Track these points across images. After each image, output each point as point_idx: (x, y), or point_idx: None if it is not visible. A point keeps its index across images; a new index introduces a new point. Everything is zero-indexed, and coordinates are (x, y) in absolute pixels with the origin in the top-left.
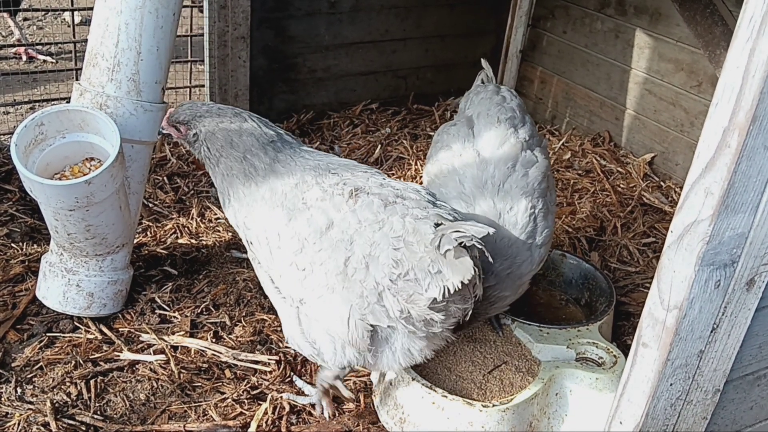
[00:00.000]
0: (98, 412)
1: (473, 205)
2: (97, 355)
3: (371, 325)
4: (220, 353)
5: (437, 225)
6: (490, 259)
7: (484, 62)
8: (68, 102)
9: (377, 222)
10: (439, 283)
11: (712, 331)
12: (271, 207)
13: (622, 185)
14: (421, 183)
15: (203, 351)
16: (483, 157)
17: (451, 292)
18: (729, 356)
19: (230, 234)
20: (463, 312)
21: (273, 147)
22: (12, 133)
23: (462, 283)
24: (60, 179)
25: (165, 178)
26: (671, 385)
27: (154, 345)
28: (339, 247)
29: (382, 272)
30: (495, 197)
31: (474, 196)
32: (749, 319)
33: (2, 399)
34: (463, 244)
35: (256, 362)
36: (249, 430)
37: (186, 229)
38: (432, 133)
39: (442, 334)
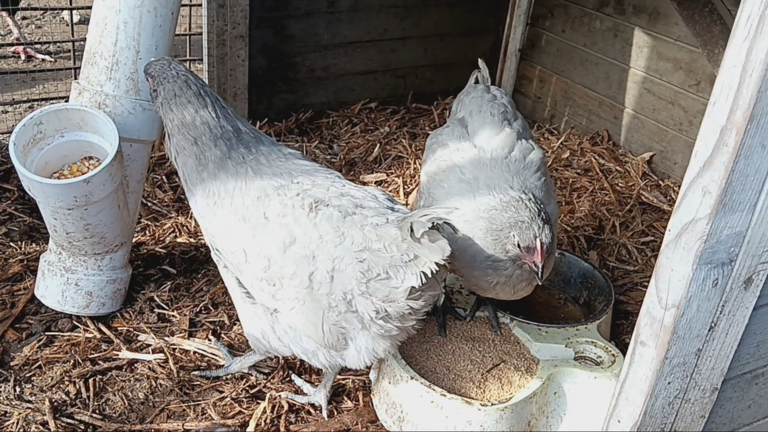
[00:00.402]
0: (97, 411)
1: (476, 188)
2: (95, 354)
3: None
4: (219, 353)
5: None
6: (459, 234)
7: (480, 62)
8: (67, 101)
9: (338, 236)
10: (415, 269)
11: (710, 330)
12: (234, 219)
13: (620, 184)
14: (418, 183)
15: (202, 350)
16: (480, 146)
17: (429, 275)
18: (727, 355)
19: None
20: (434, 299)
21: (226, 143)
22: (11, 132)
23: (437, 264)
24: (59, 178)
25: (164, 176)
26: (669, 383)
27: (152, 344)
28: (302, 263)
29: (349, 284)
30: (496, 177)
31: (477, 179)
32: (747, 317)
33: (1, 398)
34: (435, 225)
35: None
36: (248, 429)
37: (185, 228)
38: (431, 132)
39: (412, 327)
